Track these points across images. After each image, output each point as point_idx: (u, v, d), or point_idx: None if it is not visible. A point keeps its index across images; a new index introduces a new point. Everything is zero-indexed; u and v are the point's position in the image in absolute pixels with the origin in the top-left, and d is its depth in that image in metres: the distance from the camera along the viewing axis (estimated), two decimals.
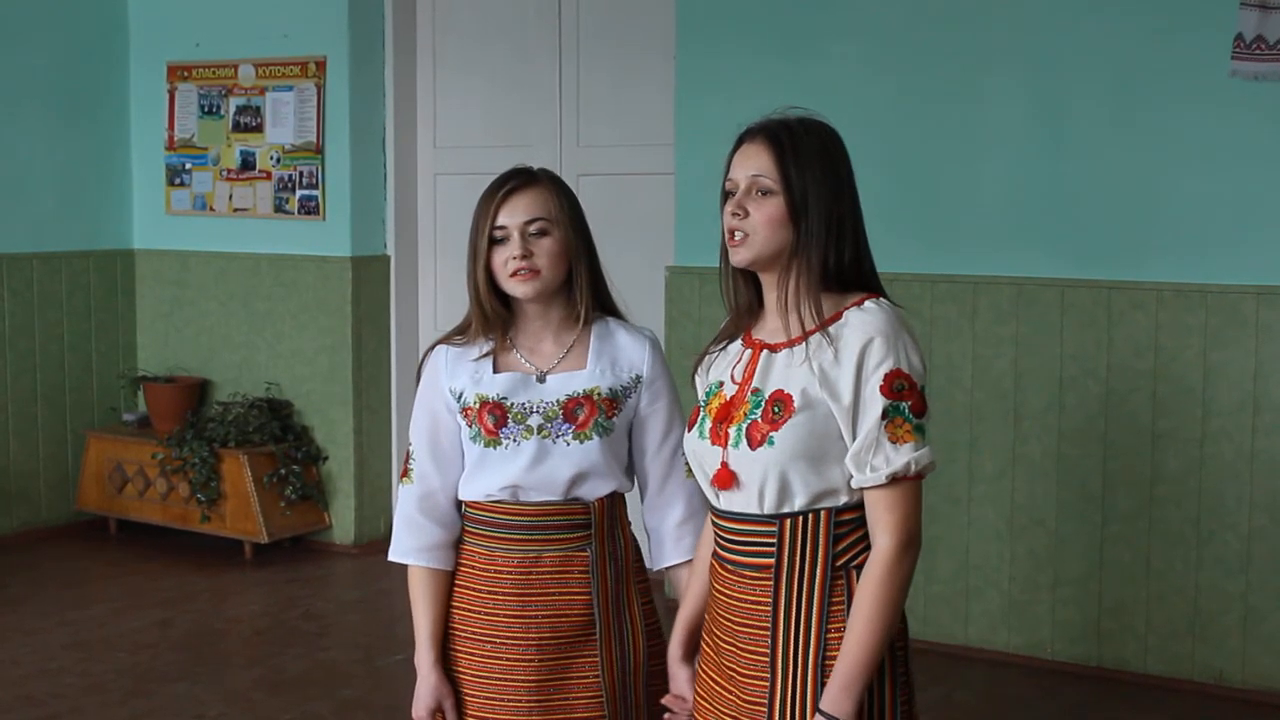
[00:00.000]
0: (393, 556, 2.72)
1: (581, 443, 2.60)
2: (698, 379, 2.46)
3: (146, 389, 6.83)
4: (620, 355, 2.67)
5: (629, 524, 2.72)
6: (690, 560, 2.62)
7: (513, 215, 2.60)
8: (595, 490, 2.63)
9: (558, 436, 2.60)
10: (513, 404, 2.61)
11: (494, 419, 2.61)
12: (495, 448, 2.61)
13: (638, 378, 2.66)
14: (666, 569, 2.72)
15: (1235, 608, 4.73)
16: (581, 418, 2.61)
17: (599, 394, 2.62)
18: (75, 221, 6.88)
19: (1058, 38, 4.91)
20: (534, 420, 2.60)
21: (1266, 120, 4.61)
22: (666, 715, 2.57)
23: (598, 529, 2.64)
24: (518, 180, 2.64)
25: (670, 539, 2.70)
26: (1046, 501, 5.01)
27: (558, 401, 2.61)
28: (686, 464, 2.70)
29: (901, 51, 5.16)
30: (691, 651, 2.53)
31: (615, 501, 2.67)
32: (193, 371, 6.92)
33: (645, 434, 2.68)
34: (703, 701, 2.42)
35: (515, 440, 2.60)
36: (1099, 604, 4.94)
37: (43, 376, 6.75)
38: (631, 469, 2.73)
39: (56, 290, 6.80)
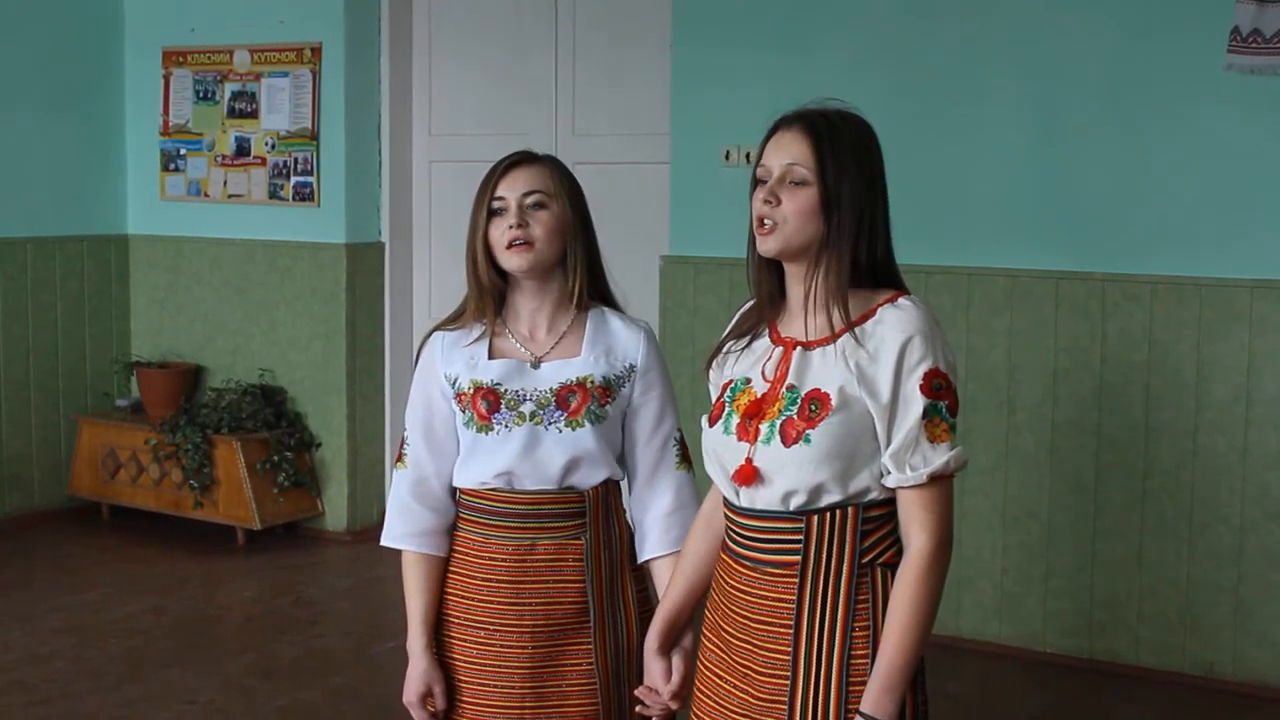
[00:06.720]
0: (385, 541, 2.72)
1: (574, 430, 2.60)
2: (713, 373, 2.43)
3: (140, 374, 6.82)
4: (615, 344, 2.67)
5: (624, 512, 2.71)
6: (677, 552, 2.59)
7: (511, 188, 2.62)
8: (589, 478, 2.63)
9: (550, 423, 2.60)
10: (506, 390, 2.61)
11: (487, 405, 2.61)
12: (487, 434, 2.61)
13: (631, 367, 2.66)
14: (650, 561, 2.69)
15: (1226, 601, 4.75)
16: (574, 405, 2.60)
17: (592, 382, 2.62)
18: (69, 206, 6.86)
19: (1052, 31, 4.90)
20: (526, 407, 2.60)
21: (1260, 114, 4.61)
22: (638, 708, 2.56)
23: (593, 517, 2.63)
24: (520, 157, 2.68)
25: (656, 530, 2.67)
26: (1039, 493, 5.02)
27: (551, 389, 2.61)
28: (678, 455, 2.70)
29: (897, 44, 5.16)
30: (669, 645, 2.51)
31: (610, 490, 2.67)
32: (186, 357, 6.92)
33: (636, 424, 2.68)
34: (707, 699, 2.39)
35: (507, 426, 2.60)
36: (1091, 596, 4.95)
37: (36, 361, 6.74)
38: (624, 458, 2.72)
39: (50, 275, 6.78)
